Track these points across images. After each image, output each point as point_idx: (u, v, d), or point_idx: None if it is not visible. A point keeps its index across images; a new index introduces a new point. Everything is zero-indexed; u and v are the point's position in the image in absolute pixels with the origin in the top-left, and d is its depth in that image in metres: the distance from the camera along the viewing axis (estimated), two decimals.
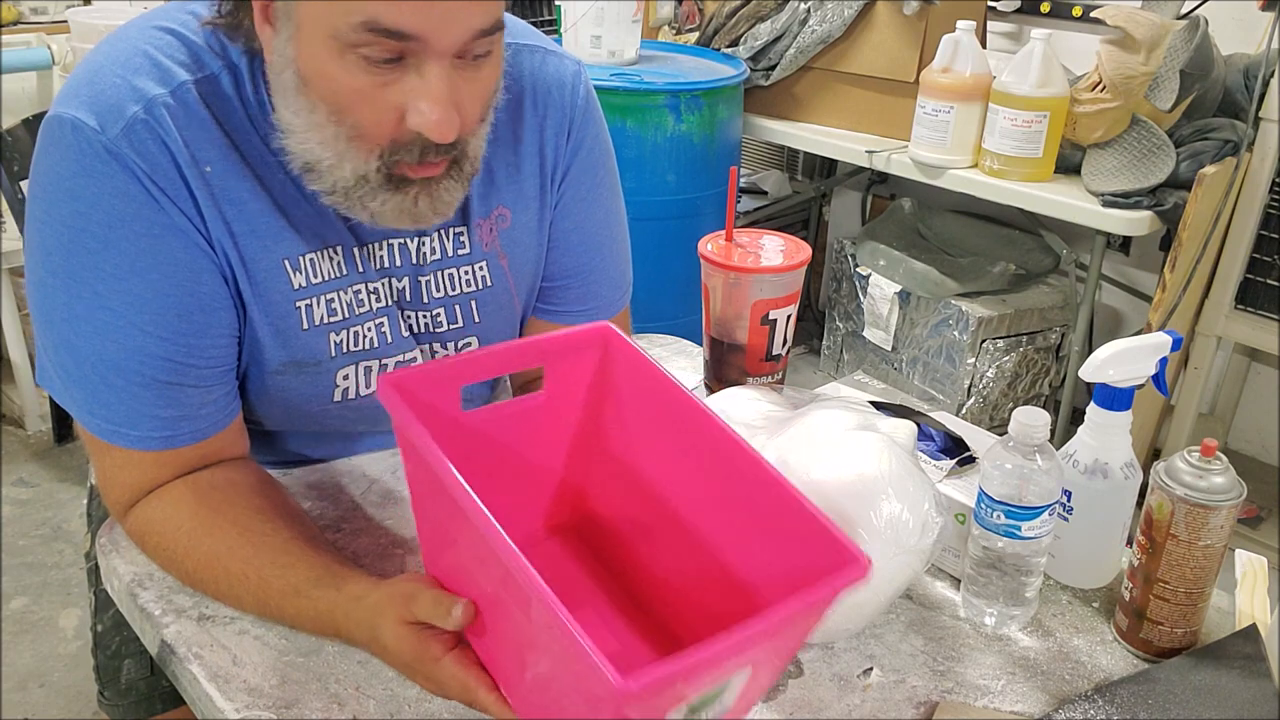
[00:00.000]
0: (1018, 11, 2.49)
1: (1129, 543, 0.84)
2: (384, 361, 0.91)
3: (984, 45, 2.23)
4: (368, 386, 0.91)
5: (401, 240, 0.89)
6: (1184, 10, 2.11)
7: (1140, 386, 0.84)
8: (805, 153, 2.85)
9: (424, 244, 0.90)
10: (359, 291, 0.88)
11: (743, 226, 1.56)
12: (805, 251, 1.07)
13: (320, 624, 0.77)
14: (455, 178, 0.79)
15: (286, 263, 0.83)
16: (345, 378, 0.90)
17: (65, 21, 2.42)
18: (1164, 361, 0.85)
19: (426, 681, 0.72)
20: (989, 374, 2.34)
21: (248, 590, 0.78)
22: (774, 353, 1.08)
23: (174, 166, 0.77)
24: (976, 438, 0.94)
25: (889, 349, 2.51)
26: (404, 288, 0.91)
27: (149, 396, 0.80)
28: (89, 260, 0.77)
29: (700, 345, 1.15)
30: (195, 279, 0.79)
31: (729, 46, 2.45)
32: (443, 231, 0.91)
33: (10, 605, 2.01)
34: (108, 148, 0.75)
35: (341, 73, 0.72)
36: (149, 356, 0.79)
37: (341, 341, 0.88)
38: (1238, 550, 0.88)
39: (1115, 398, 0.83)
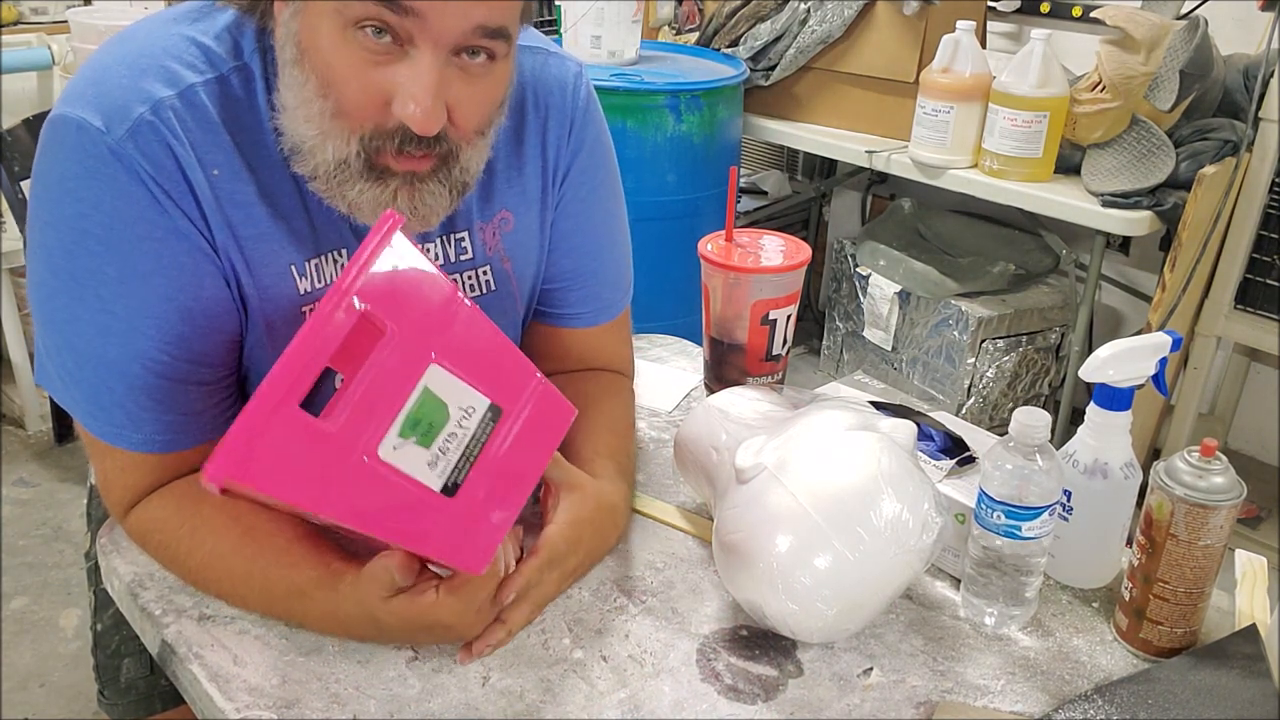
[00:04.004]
0: (1018, 11, 2.49)
1: (1129, 543, 0.84)
2: None
3: (984, 45, 2.23)
4: None
5: None
6: (1184, 10, 2.11)
7: (1140, 386, 0.84)
8: (805, 153, 2.85)
9: (426, 250, 0.90)
10: None
11: (743, 226, 1.56)
12: (805, 252, 1.07)
13: (325, 624, 0.77)
14: (442, 181, 0.78)
15: (293, 268, 0.83)
16: None
17: (65, 21, 2.42)
18: (1164, 361, 0.85)
19: (419, 633, 0.76)
20: (989, 374, 2.34)
21: (252, 591, 0.78)
22: (774, 353, 1.08)
23: (179, 170, 0.76)
24: (976, 438, 0.94)
25: (889, 349, 2.51)
26: None
27: (151, 400, 0.79)
28: (91, 263, 0.76)
29: (700, 345, 1.15)
30: (199, 283, 0.79)
31: (729, 46, 2.45)
32: (444, 237, 0.91)
33: (10, 605, 2.01)
34: (112, 149, 0.74)
35: (338, 47, 0.72)
36: (151, 360, 0.78)
37: None
38: (1238, 550, 0.88)
39: (1115, 398, 0.83)
